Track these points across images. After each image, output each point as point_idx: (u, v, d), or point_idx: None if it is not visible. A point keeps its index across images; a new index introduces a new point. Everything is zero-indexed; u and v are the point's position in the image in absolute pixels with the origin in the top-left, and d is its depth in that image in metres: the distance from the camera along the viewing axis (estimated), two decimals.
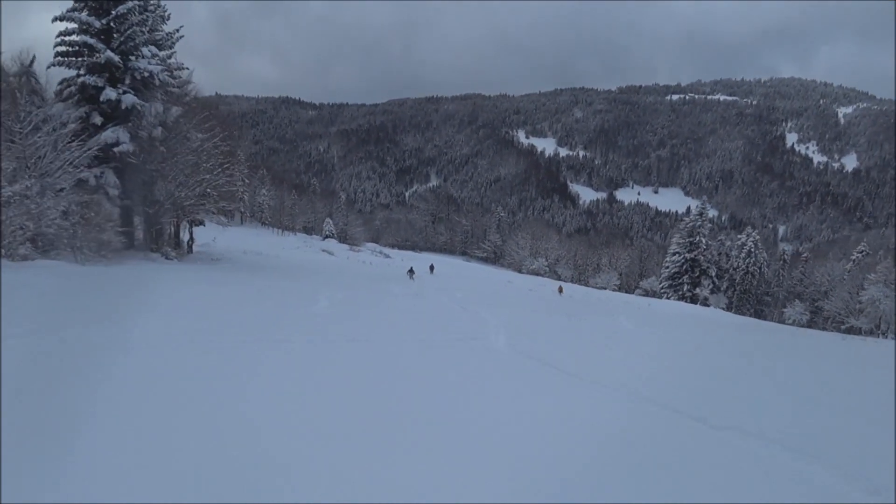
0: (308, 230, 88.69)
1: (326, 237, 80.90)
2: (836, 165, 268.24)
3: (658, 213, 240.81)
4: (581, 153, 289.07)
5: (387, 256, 70.19)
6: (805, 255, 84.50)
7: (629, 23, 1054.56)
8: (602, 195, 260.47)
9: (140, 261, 23.04)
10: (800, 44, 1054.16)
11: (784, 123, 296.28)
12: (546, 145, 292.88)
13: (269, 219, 76.35)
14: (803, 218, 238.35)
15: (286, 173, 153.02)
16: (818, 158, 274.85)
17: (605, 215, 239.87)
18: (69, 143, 20.87)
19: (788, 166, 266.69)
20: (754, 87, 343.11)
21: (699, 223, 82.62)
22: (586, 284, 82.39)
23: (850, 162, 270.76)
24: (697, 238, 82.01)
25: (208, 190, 27.27)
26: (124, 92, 24.16)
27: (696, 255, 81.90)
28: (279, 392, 6.04)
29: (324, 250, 57.94)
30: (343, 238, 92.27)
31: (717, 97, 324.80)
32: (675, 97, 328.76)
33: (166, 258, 25.00)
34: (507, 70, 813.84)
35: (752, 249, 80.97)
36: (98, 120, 23.82)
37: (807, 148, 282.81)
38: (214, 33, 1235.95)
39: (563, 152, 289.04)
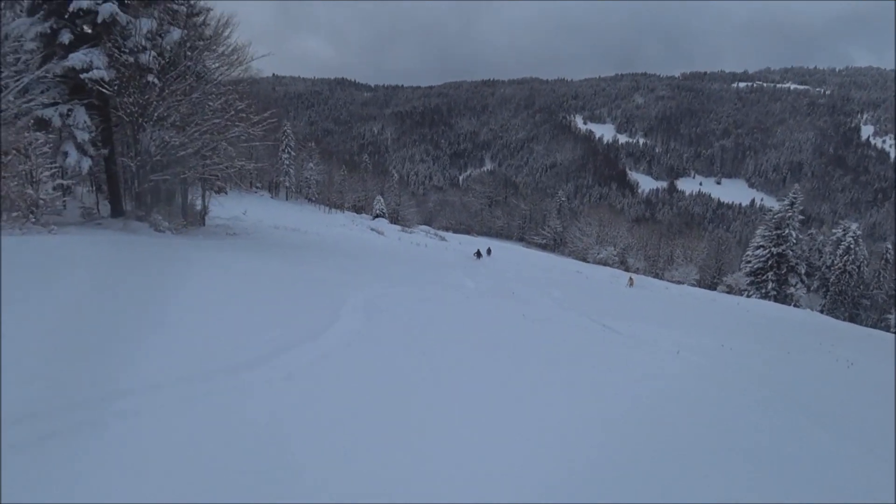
0: (358, 209, 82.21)
1: (377, 216, 74.19)
2: None
3: (720, 204, 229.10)
4: (641, 140, 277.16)
5: (442, 239, 63.13)
6: None
7: (695, 4, 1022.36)
8: (662, 184, 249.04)
9: (112, 231, 16.27)
10: (877, 32, 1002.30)
11: (859, 115, 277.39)
12: (604, 131, 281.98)
13: (316, 195, 69.95)
14: (878, 215, 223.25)
15: (339, 153, 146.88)
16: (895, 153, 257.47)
17: (665, 205, 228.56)
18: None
19: (863, 160, 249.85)
20: (828, 77, 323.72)
21: (789, 214, 73.30)
22: (660, 277, 74.03)
23: None
24: (786, 231, 72.69)
25: (222, 143, 20.39)
26: (103, 0, 17.26)
27: (783, 250, 72.66)
28: None
29: (372, 229, 51.04)
30: (395, 219, 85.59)
31: (786, 86, 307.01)
32: (741, 85, 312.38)
33: (156, 229, 18.21)
34: (566, 53, 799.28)
35: (852, 246, 71.31)
36: (67, 38, 17.01)
37: (883, 141, 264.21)
38: (272, 12, 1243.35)
39: (623, 139, 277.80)
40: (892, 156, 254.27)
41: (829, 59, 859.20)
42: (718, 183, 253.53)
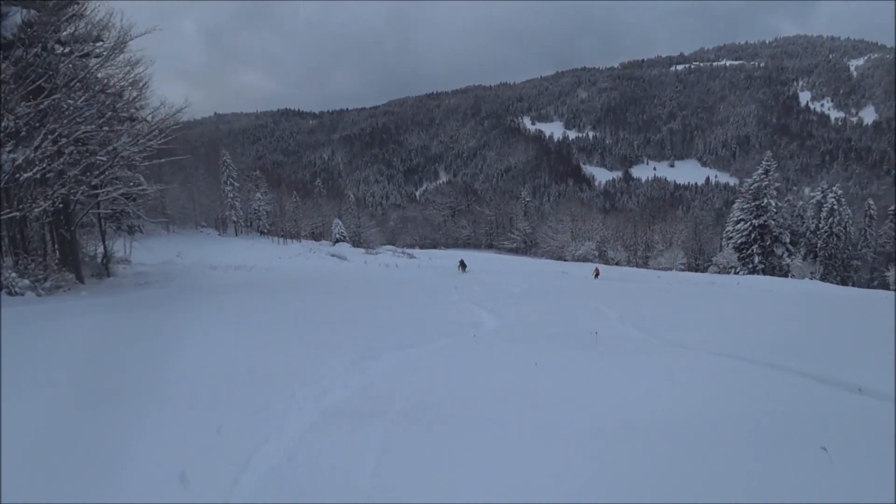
0: (316, 236, 76.14)
1: (338, 241, 68.09)
2: (854, 120, 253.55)
3: (677, 186, 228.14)
4: (590, 134, 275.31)
5: (411, 257, 57.54)
6: (893, 208, 70.59)
7: None
8: (617, 174, 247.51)
9: None
10: (798, 1, 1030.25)
11: (795, 83, 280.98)
12: (554, 129, 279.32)
13: (268, 227, 63.66)
14: (828, 177, 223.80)
15: (290, 181, 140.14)
16: (835, 115, 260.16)
17: (624, 194, 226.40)
18: None
19: (806, 126, 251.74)
20: (759, 50, 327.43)
21: (765, 183, 69.36)
22: (645, 266, 69.45)
23: (869, 115, 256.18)
24: (765, 200, 68.66)
25: (92, 153, 14.41)
26: None
27: (765, 221, 68.57)
28: None
29: (333, 255, 44.92)
30: (357, 241, 79.69)
31: (722, 63, 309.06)
32: (679, 67, 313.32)
33: (9, 292, 12.20)
34: (505, 58, 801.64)
35: (836, 207, 67.57)
36: None
37: (822, 105, 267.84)
38: (206, 51, 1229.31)
39: (573, 135, 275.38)
40: (833, 118, 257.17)
41: (756, 32, 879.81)
42: (672, 166, 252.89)
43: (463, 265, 40.25)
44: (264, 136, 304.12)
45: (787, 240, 69.11)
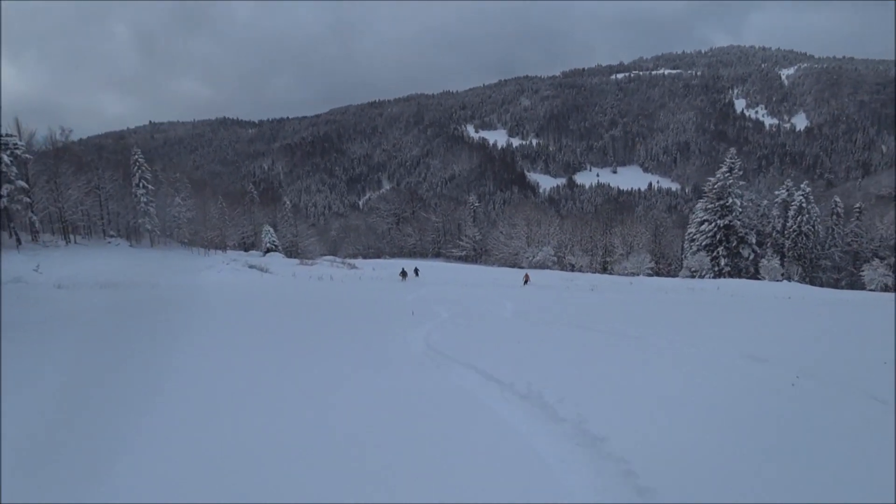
0: (247, 246, 68.07)
1: (269, 251, 60.26)
2: (787, 126, 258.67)
3: (620, 192, 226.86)
4: (534, 141, 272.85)
5: (353, 267, 50.43)
6: (859, 205, 67.03)
7: (565, 7, 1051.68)
8: (561, 181, 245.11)
9: None
10: (729, 12, 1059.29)
11: (731, 91, 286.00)
12: (497, 137, 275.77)
13: (189, 236, 55.41)
14: (765, 181, 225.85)
15: (217, 185, 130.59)
16: (769, 121, 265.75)
17: (568, 200, 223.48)
18: None
19: (742, 132, 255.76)
20: (696, 59, 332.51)
21: (730, 182, 64.85)
22: (609, 272, 63.91)
23: (800, 121, 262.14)
24: (730, 200, 64.12)
25: None
26: None
27: (730, 221, 63.91)
28: None
29: (253, 266, 37.24)
30: (293, 252, 72.03)
31: (661, 72, 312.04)
32: (619, 76, 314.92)
33: None
34: (447, 66, 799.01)
35: (804, 205, 63.33)
36: None
37: (756, 112, 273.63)
38: (139, 56, 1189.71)
39: (516, 142, 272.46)
40: (767, 124, 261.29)
41: (692, 42, 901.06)
42: (615, 172, 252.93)
43: (409, 273, 37.75)
44: (202, 145, 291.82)
45: (754, 240, 64.71)
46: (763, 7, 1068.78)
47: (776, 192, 69.30)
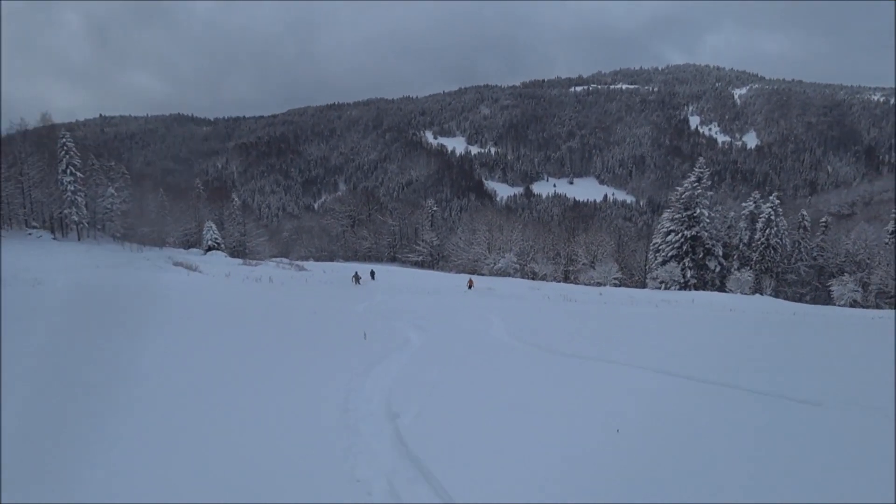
0: (189, 244, 62.81)
1: (210, 249, 55.26)
2: (738, 144, 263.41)
3: (576, 203, 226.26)
4: (492, 150, 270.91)
5: (301, 269, 46.02)
6: (825, 219, 65.45)
7: (526, 19, 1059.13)
8: (518, 190, 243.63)
9: None
10: (685, 32, 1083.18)
11: (686, 107, 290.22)
12: (456, 144, 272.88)
13: (122, 230, 50.17)
14: (717, 196, 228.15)
15: (152, 175, 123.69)
16: (722, 138, 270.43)
17: (525, 210, 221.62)
18: None
19: (696, 148, 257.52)
20: (653, 75, 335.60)
21: (698, 192, 62.46)
22: (573, 281, 60.73)
23: (751, 140, 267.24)
24: (698, 210, 61.74)
25: None
26: None
27: (697, 232, 61.47)
28: None
29: (179, 264, 32.24)
30: (240, 252, 67.13)
31: (619, 86, 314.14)
32: (578, 89, 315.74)
33: None
34: (408, 72, 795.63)
35: (773, 218, 61.28)
36: None
37: (709, 129, 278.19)
38: (92, 46, 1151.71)
39: (475, 150, 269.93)
40: (720, 141, 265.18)
41: (648, 59, 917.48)
42: (571, 183, 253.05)
43: (362, 276, 35.95)
44: (154, 141, 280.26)
45: (720, 252, 62.46)
46: (718, 28, 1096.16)
47: (743, 205, 67.42)
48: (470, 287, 39.33)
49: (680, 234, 61.58)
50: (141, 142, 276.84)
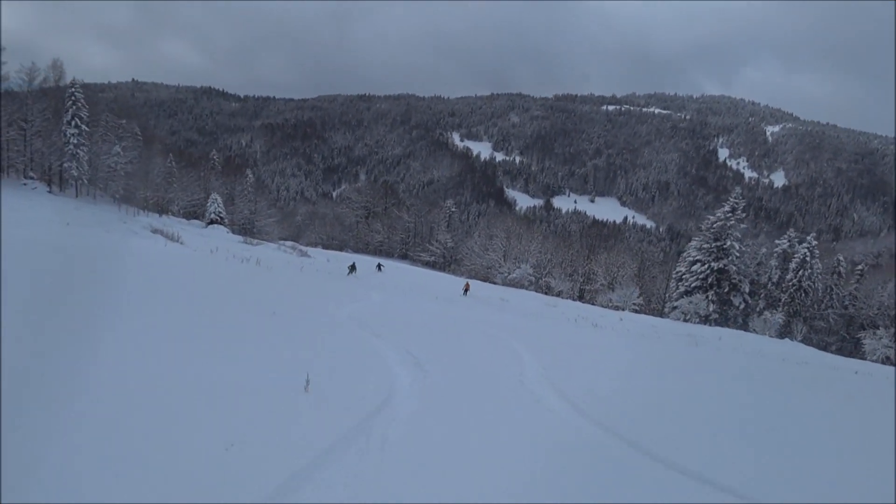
0: (193, 215, 59.71)
1: (212, 223, 52.07)
2: (765, 181, 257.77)
3: (595, 221, 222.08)
4: (517, 158, 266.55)
5: (303, 254, 42.78)
6: (861, 267, 61.44)
7: (566, 32, 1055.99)
8: (539, 202, 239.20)
9: None
10: (724, 63, 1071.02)
11: (716, 139, 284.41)
12: (482, 149, 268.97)
13: (122, 192, 47.12)
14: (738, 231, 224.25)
15: (163, 139, 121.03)
16: (749, 174, 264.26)
17: (543, 222, 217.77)
18: None
19: (722, 180, 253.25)
20: (686, 103, 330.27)
21: (731, 223, 58.68)
22: (589, 301, 57.08)
23: (779, 178, 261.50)
24: (728, 242, 57.94)
25: None
26: None
27: (725, 265, 57.61)
28: None
29: (157, 231, 28.70)
30: (248, 230, 64.10)
31: (651, 110, 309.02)
32: (610, 107, 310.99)
33: None
34: (441, 72, 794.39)
35: (808, 259, 57.36)
36: None
37: (738, 163, 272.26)
38: (130, 11, 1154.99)
39: (499, 157, 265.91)
40: (747, 177, 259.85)
41: (684, 86, 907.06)
42: (592, 201, 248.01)
43: (368, 268, 34.84)
44: (182, 111, 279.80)
45: (747, 289, 58.58)
46: (757, 63, 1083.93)
47: (776, 242, 63.43)
48: (466, 292, 36.66)
49: (706, 265, 57.80)
50: (169, 110, 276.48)
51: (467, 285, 39.16)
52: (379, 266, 40.68)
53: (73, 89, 44.23)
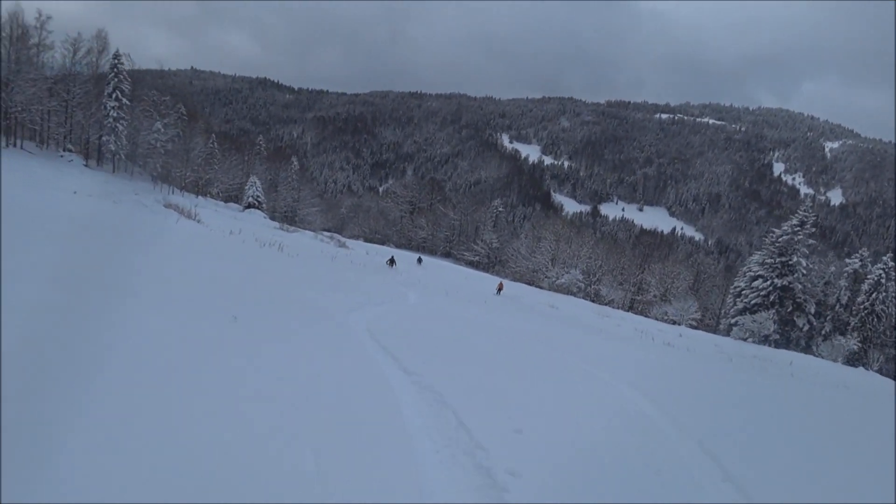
0: (235, 199, 57.60)
1: (249, 206, 49.77)
2: (822, 198, 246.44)
3: (643, 231, 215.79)
4: (566, 163, 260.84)
5: (342, 245, 40.03)
6: None
7: (619, 37, 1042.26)
8: (586, 208, 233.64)
9: None
10: (783, 76, 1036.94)
11: (772, 153, 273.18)
12: (530, 152, 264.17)
13: (159, 170, 45.04)
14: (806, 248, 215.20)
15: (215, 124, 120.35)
16: (805, 190, 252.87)
17: (589, 228, 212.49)
18: None
19: (776, 195, 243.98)
20: (742, 115, 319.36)
21: (798, 238, 54.00)
22: (640, 312, 53.18)
23: (836, 196, 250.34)
24: (794, 259, 53.26)
25: None
26: None
27: (790, 282, 52.89)
28: None
29: (169, 206, 25.81)
30: (290, 218, 61.93)
31: (705, 120, 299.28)
32: (663, 116, 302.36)
33: None
34: (493, 74, 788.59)
35: (883, 281, 52.31)
36: None
37: (793, 179, 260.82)
38: (194, 5, 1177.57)
39: (548, 160, 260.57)
40: (802, 193, 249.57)
41: (740, 98, 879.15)
42: (641, 210, 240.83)
43: (392, 262, 32.20)
44: (237, 100, 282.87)
45: (812, 310, 53.78)
46: (818, 77, 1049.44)
47: (846, 261, 58.31)
48: (499, 291, 35.32)
49: (769, 282, 53.14)
50: (225, 99, 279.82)
51: (501, 285, 37.84)
52: (419, 259, 38.16)
53: (115, 60, 42.31)
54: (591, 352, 12.80)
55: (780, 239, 54.13)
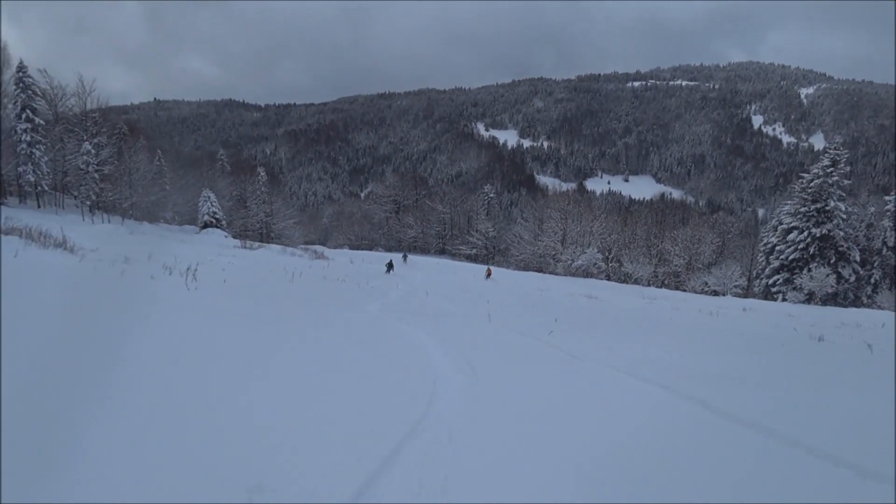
0: (193, 221, 49.97)
1: (207, 225, 42.21)
2: (804, 145, 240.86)
3: (632, 201, 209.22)
4: (545, 144, 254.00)
5: (320, 256, 32.67)
6: None
7: (582, 11, 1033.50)
8: (571, 185, 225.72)
9: None
10: (747, 29, 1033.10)
11: (748, 106, 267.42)
12: (508, 137, 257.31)
13: (95, 195, 37.34)
14: (781, 199, 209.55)
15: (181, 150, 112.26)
16: (787, 139, 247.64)
17: (580, 205, 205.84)
18: None
19: (759, 148, 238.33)
20: (713, 72, 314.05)
21: (833, 178, 47.08)
22: (671, 286, 46.11)
23: (818, 141, 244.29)
24: (831, 203, 46.31)
25: None
26: None
27: (829, 230, 46.08)
28: None
29: (11, 231, 17.80)
30: (266, 235, 54.56)
31: (678, 83, 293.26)
32: (636, 84, 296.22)
33: None
34: (460, 63, 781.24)
35: None
36: None
37: (773, 129, 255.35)
38: (147, 31, 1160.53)
39: (527, 143, 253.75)
40: (784, 142, 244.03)
41: (709, 56, 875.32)
42: (626, 180, 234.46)
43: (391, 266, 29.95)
44: (205, 125, 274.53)
45: (857, 258, 46.87)
46: (781, 26, 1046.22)
47: (886, 199, 51.35)
48: (488, 276, 34.94)
49: (806, 233, 45.83)
50: (192, 126, 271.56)
51: (489, 270, 37.59)
52: (404, 257, 31.82)
53: (20, 74, 34.55)
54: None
55: (811, 184, 46.94)
